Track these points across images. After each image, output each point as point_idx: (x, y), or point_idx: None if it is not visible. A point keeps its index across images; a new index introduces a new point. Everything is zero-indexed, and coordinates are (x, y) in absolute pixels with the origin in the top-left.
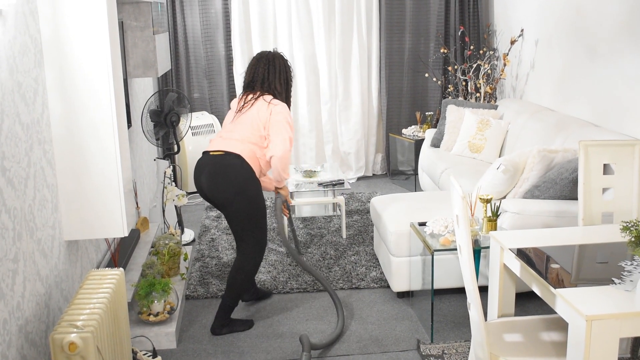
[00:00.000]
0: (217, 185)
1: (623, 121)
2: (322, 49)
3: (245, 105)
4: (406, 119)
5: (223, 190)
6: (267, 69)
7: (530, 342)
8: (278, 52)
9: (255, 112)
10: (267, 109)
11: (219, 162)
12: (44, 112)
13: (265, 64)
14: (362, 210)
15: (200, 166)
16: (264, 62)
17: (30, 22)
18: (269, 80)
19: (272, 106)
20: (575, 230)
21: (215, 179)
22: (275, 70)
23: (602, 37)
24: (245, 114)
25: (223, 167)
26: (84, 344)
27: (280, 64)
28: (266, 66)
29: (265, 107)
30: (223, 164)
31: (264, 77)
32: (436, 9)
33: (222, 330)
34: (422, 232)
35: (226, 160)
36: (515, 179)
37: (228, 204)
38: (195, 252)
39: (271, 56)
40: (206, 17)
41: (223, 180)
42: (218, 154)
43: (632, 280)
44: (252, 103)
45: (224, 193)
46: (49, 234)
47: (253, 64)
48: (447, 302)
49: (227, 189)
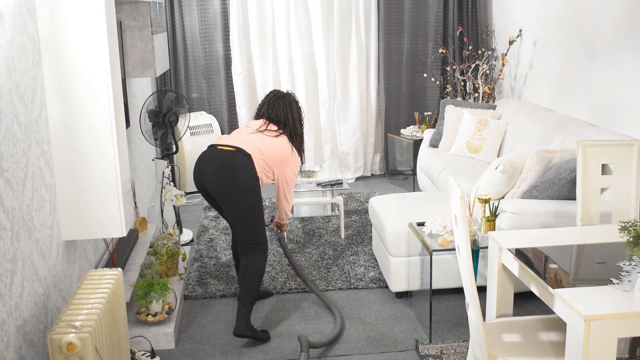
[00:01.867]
0: (223, 178)
1: (621, 121)
2: (320, 49)
3: (269, 131)
4: (405, 119)
5: (228, 184)
6: (287, 112)
7: (529, 342)
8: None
9: (280, 146)
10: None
11: (230, 157)
12: (42, 112)
13: (284, 105)
14: (361, 210)
15: (207, 157)
16: (282, 103)
17: (28, 23)
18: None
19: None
20: (574, 230)
21: (223, 172)
22: (294, 114)
23: (600, 37)
24: (269, 138)
25: (233, 162)
26: (82, 344)
27: (297, 109)
28: (285, 108)
29: (288, 151)
30: (234, 159)
31: (286, 120)
32: (434, 9)
33: (247, 332)
34: (421, 232)
35: (237, 156)
36: (513, 179)
37: (230, 198)
38: (193, 252)
39: (290, 99)
40: (204, 17)
41: (231, 175)
42: (228, 149)
43: (631, 281)
44: (276, 135)
45: (229, 187)
46: (47, 234)
47: (271, 102)
48: (446, 302)
49: (233, 184)
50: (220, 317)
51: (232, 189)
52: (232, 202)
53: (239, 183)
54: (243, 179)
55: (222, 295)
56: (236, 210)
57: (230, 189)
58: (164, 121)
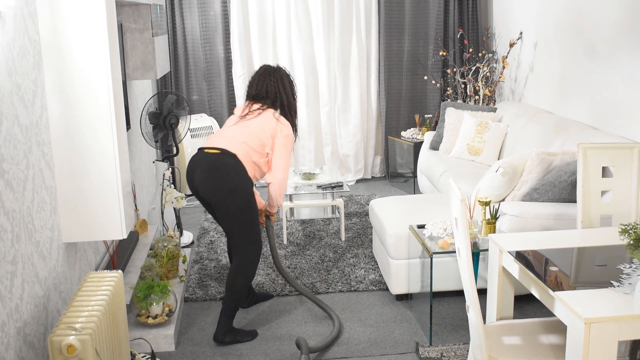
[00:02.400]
0: (210, 183)
1: (622, 124)
2: (321, 51)
3: (251, 113)
4: (405, 122)
5: (217, 188)
6: (279, 86)
7: (529, 345)
8: (283, 69)
9: (260, 124)
10: (275, 125)
11: (215, 160)
12: (42, 114)
13: (275, 80)
14: (361, 212)
15: (194, 163)
16: (273, 78)
17: (29, 25)
18: (280, 97)
19: (281, 125)
20: (574, 232)
21: (209, 177)
22: (286, 88)
23: (601, 39)
24: (250, 122)
25: (218, 166)
26: (82, 346)
27: (288, 82)
28: (277, 83)
29: (273, 122)
30: (218, 163)
31: (276, 94)
32: (435, 11)
33: (225, 338)
34: (421, 234)
35: (221, 159)
36: (514, 182)
37: (221, 201)
38: (194, 255)
39: (281, 73)
40: (205, 20)
41: (217, 178)
42: (213, 152)
43: (631, 283)
44: (258, 113)
45: (218, 191)
46: (48, 236)
47: (261, 77)
48: (446, 305)
49: (221, 187)
50: None
51: (220, 193)
52: (222, 205)
53: (226, 186)
54: (229, 182)
55: (222, 297)
56: (227, 213)
57: (219, 193)
58: (165, 123)
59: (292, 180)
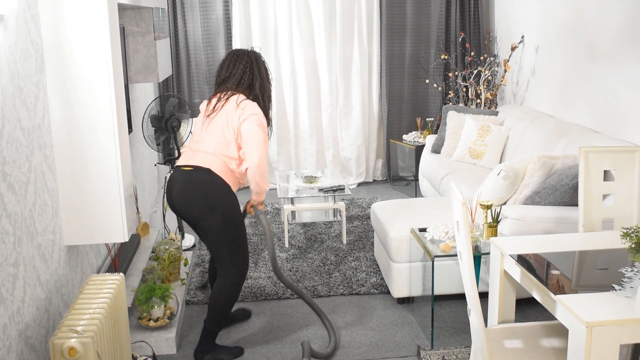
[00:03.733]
0: (187, 203)
1: (623, 127)
2: (322, 55)
3: (214, 110)
4: (407, 125)
5: (194, 208)
6: (248, 69)
7: (531, 349)
8: (256, 51)
9: (224, 117)
10: (235, 113)
11: (189, 179)
12: (44, 117)
13: (246, 62)
14: (363, 216)
15: (171, 182)
16: (244, 60)
17: (31, 28)
18: (248, 81)
19: (240, 110)
20: (576, 236)
21: (185, 196)
22: (258, 71)
23: (602, 43)
24: (214, 120)
25: (193, 184)
26: (84, 349)
27: (262, 65)
28: (248, 65)
29: (233, 110)
30: (193, 181)
31: (242, 77)
32: (437, 15)
33: (204, 356)
34: (423, 238)
35: (196, 176)
36: (515, 185)
37: (200, 221)
38: (195, 258)
39: (253, 56)
40: (207, 23)
41: (193, 197)
42: (188, 169)
43: (633, 287)
44: (222, 105)
45: (195, 211)
46: (49, 239)
47: (230, 61)
48: (448, 308)
49: (198, 206)
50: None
51: (197, 212)
52: (202, 224)
53: (203, 205)
54: (205, 200)
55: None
56: (207, 233)
57: (196, 212)
58: (167, 126)
59: (293, 183)
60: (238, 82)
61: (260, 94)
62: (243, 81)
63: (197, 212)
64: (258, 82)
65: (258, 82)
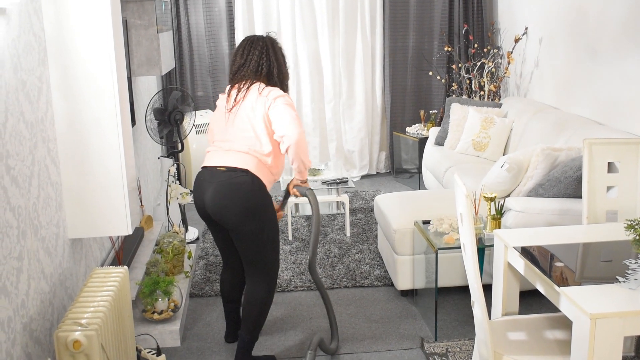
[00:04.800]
0: (225, 207)
1: (627, 119)
2: (326, 48)
3: (236, 102)
4: (410, 117)
5: (233, 213)
6: (265, 55)
7: (534, 341)
8: (272, 36)
9: (250, 109)
10: (259, 102)
11: (227, 181)
12: (48, 111)
13: (261, 48)
14: (366, 208)
15: (202, 184)
16: (259, 46)
17: (34, 21)
18: (266, 68)
19: (264, 98)
20: (580, 228)
21: (223, 200)
22: (275, 57)
23: (606, 34)
24: (239, 114)
25: (232, 186)
26: (88, 342)
27: (278, 51)
28: (264, 51)
29: (256, 99)
30: (230, 183)
31: (259, 64)
32: (440, 7)
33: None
34: (426, 230)
35: (235, 178)
36: (519, 178)
37: (239, 226)
38: (199, 250)
39: (269, 41)
40: (210, 16)
41: (233, 201)
42: (222, 170)
43: (637, 279)
44: (243, 96)
45: (235, 216)
46: (53, 232)
47: (245, 48)
48: (451, 301)
49: (237, 211)
50: None
51: (237, 219)
52: (240, 230)
53: (243, 209)
54: (246, 204)
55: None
56: (244, 238)
57: (236, 220)
58: (170, 119)
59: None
60: (255, 70)
61: (279, 81)
62: (260, 68)
63: (236, 218)
64: (276, 69)
65: (276, 69)
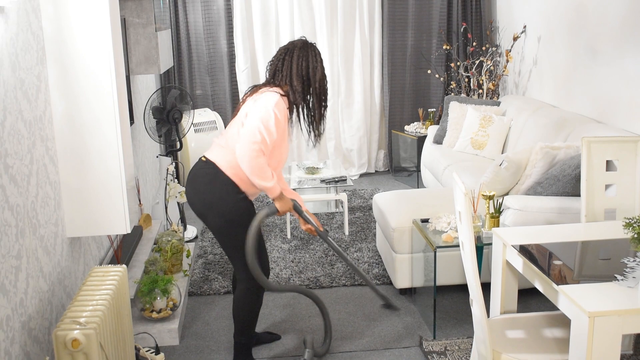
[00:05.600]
0: (190, 197)
1: (626, 118)
2: (324, 46)
3: (242, 103)
4: (408, 116)
5: (194, 203)
6: (283, 59)
7: (533, 339)
8: (308, 41)
9: (243, 111)
10: (250, 102)
11: (196, 172)
12: (46, 109)
13: (283, 53)
14: (365, 207)
15: None
16: (284, 51)
17: (32, 19)
18: (282, 72)
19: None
20: (578, 226)
21: (188, 189)
22: (293, 60)
23: (605, 33)
24: (237, 115)
25: (196, 178)
26: (86, 340)
27: (301, 54)
28: (282, 55)
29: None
30: (197, 174)
31: (277, 69)
32: (438, 5)
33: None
34: (425, 228)
35: (202, 169)
36: (517, 176)
37: (202, 218)
38: (197, 249)
39: (298, 44)
40: (208, 14)
41: (195, 191)
42: (200, 161)
43: (635, 277)
44: (245, 99)
45: (196, 207)
46: (52, 231)
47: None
48: (450, 299)
49: (198, 202)
50: (225, 313)
51: (198, 209)
52: (206, 222)
53: (202, 199)
54: (203, 197)
55: (226, 291)
56: (213, 232)
57: (198, 209)
58: (168, 118)
59: (295, 174)
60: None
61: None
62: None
63: (197, 208)
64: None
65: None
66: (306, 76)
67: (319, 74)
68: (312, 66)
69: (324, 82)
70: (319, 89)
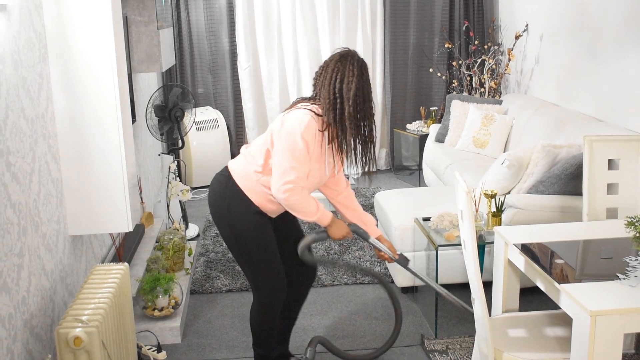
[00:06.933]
0: (209, 201)
1: (628, 116)
2: (326, 44)
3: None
4: (410, 114)
5: (210, 208)
6: (320, 73)
7: (535, 338)
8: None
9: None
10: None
11: (215, 177)
12: (48, 107)
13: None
14: (367, 205)
15: None
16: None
17: (34, 17)
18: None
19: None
20: (580, 225)
21: (208, 193)
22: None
23: (607, 31)
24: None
25: (212, 183)
26: (89, 338)
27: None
28: (320, 69)
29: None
30: (214, 180)
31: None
32: (440, 3)
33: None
34: (426, 227)
35: (219, 174)
36: (519, 175)
37: (216, 225)
38: (199, 247)
39: (336, 56)
40: (210, 12)
41: (209, 197)
42: (224, 167)
43: (637, 276)
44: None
45: (210, 211)
46: (54, 229)
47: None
48: None
49: (210, 208)
50: (227, 311)
51: (212, 216)
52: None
53: (213, 209)
54: (214, 207)
55: (228, 290)
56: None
57: (212, 216)
58: (170, 116)
59: None
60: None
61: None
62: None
63: (211, 214)
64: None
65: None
66: (339, 92)
67: (353, 91)
68: (346, 81)
69: (359, 99)
70: (352, 107)
